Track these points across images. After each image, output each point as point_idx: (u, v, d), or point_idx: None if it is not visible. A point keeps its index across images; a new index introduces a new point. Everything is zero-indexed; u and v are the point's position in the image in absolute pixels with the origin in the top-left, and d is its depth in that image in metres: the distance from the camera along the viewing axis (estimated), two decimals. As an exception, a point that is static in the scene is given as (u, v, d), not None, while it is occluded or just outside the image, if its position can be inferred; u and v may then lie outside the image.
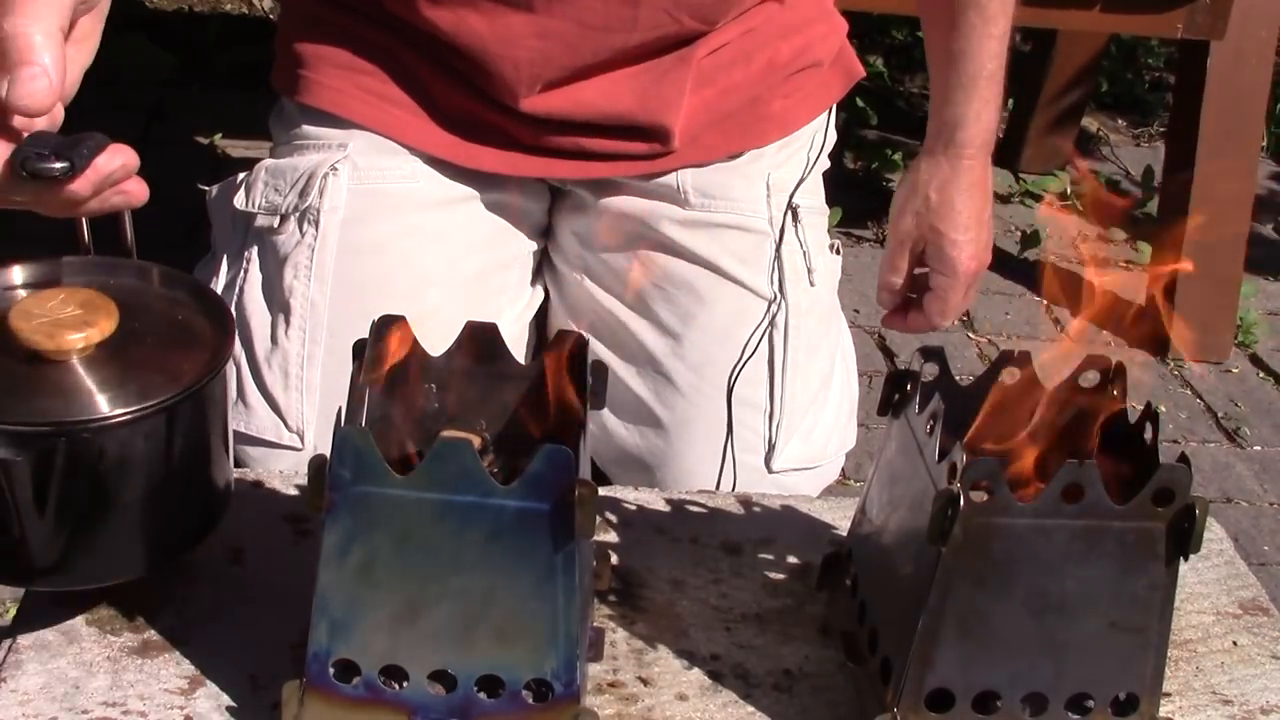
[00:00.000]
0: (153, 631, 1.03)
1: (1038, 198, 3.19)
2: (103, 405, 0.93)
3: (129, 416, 0.93)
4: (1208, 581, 1.21)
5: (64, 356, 0.94)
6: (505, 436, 1.06)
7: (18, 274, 1.03)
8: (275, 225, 1.50)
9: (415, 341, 1.03)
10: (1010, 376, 1.04)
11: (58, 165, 0.90)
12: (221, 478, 1.05)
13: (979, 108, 1.41)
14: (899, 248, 1.44)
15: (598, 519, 0.95)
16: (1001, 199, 3.16)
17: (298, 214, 1.48)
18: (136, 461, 0.95)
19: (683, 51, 1.49)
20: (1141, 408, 0.99)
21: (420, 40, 1.47)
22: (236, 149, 2.96)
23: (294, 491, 1.19)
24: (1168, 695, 1.04)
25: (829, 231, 1.67)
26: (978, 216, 1.42)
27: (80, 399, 0.93)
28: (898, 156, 3.13)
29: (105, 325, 0.95)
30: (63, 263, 1.03)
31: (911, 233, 1.42)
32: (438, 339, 1.04)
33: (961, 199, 1.41)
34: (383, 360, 1.01)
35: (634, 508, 1.22)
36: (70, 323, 0.94)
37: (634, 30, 1.43)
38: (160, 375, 0.96)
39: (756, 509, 1.24)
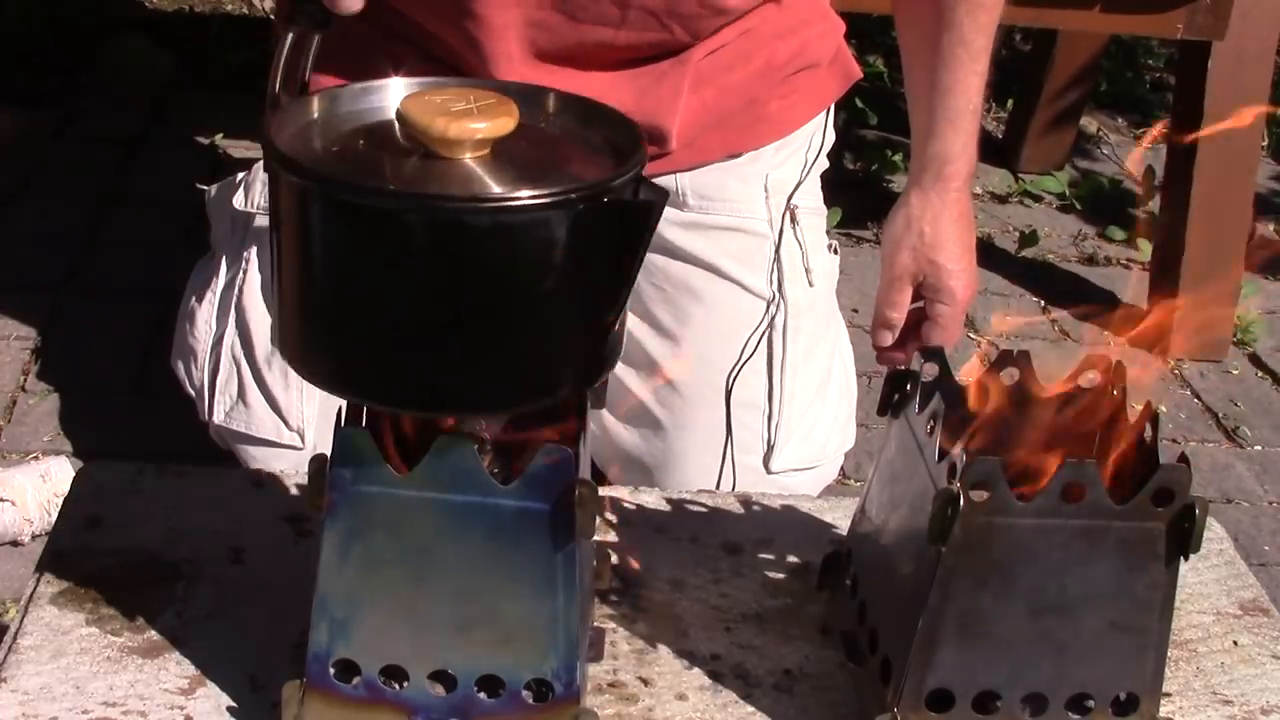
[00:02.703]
0: (153, 631, 1.03)
1: (1037, 198, 3.19)
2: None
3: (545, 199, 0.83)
4: (1208, 581, 1.21)
5: (460, 149, 0.87)
6: (505, 436, 1.06)
7: (404, 87, 0.96)
8: (275, 225, 1.50)
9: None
10: (1010, 377, 1.04)
11: None
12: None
13: (964, 141, 1.43)
14: (898, 283, 1.44)
15: (597, 519, 0.95)
16: (1000, 199, 3.16)
17: (297, 214, 1.48)
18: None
19: (681, 54, 1.49)
20: (1141, 408, 0.99)
21: (418, 38, 1.47)
22: (237, 149, 2.95)
23: (294, 491, 1.19)
24: (1168, 695, 1.03)
25: (828, 232, 1.67)
26: (968, 246, 1.45)
27: (475, 190, 0.85)
28: (898, 157, 3.13)
29: (505, 122, 0.87)
30: (454, 80, 0.97)
31: (909, 268, 1.43)
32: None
33: (953, 230, 1.43)
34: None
35: (634, 508, 1.22)
36: (467, 114, 0.87)
37: (621, 27, 1.43)
38: (561, 178, 0.87)
39: (756, 509, 1.24)
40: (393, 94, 0.94)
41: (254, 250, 1.51)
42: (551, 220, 0.83)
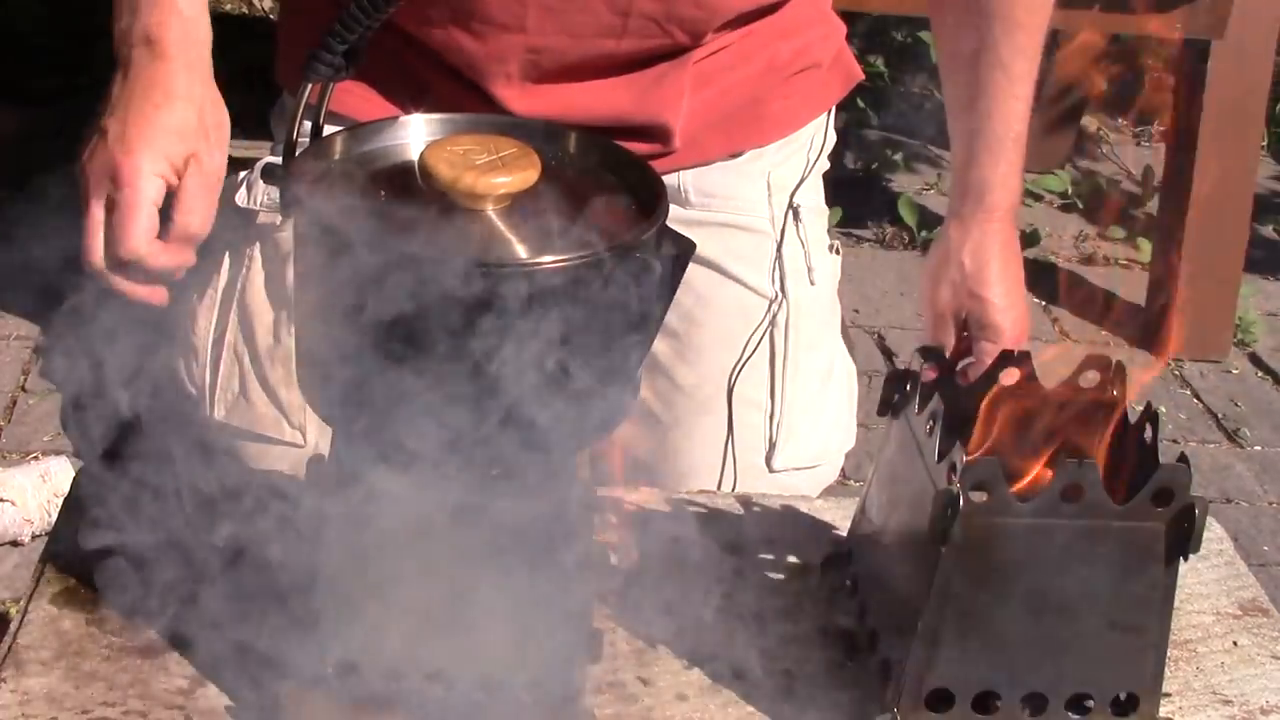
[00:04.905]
0: (153, 632, 1.03)
1: (1038, 197, 3.19)
2: (523, 255, 0.83)
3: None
4: (1208, 581, 1.21)
5: (484, 203, 0.86)
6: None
7: (423, 125, 0.95)
8: (278, 223, 1.50)
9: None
10: (1010, 376, 1.04)
11: None
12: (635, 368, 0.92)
13: (1006, 170, 1.37)
14: (940, 321, 1.38)
15: (597, 519, 0.95)
16: (1001, 198, 3.16)
17: (300, 212, 1.48)
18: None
19: (681, 56, 1.49)
20: (1141, 408, 0.99)
21: (419, 42, 1.47)
22: (237, 149, 2.94)
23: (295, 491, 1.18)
24: (1168, 695, 1.03)
25: (829, 232, 1.67)
26: (1016, 281, 1.38)
27: (498, 247, 0.85)
28: (898, 157, 3.14)
29: (528, 175, 0.87)
30: (472, 119, 0.96)
31: (949, 303, 1.37)
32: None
33: (996, 263, 1.36)
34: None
35: (634, 508, 1.22)
36: (490, 167, 0.86)
37: (623, 37, 1.43)
38: (584, 231, 0.86)
39: (757, 509, 1.24)
40: (411, 133, 0.94)
41: (256, 247, 1.51)
42: (578, 279, 0.83)
